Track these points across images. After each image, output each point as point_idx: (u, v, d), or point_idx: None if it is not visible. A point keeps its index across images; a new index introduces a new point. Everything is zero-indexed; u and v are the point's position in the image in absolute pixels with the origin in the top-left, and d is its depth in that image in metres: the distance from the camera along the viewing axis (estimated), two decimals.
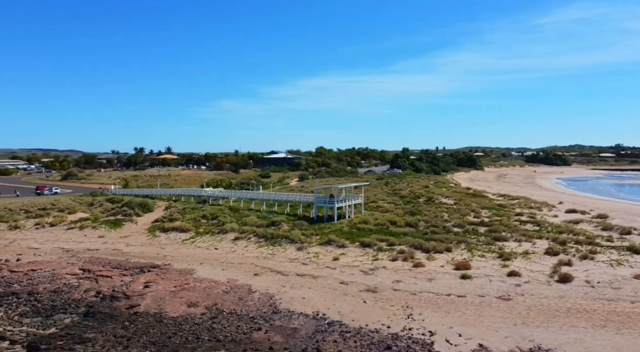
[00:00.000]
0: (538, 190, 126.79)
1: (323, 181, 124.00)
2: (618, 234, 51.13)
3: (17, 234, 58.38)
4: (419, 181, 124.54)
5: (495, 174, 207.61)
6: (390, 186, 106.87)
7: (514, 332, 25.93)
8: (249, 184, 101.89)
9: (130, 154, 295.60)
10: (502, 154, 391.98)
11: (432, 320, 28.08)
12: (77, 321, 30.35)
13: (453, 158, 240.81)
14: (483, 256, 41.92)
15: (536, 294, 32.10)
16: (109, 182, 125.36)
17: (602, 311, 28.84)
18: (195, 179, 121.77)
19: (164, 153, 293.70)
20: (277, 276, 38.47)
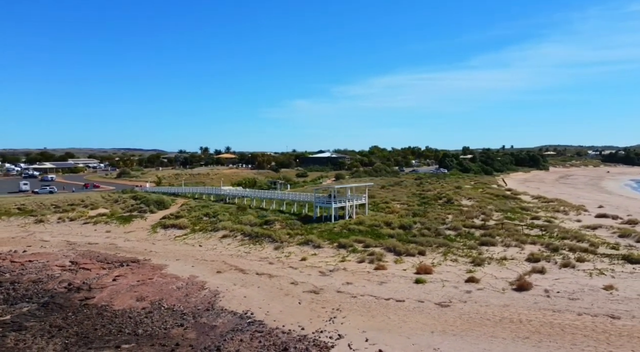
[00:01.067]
0: (595, 192, 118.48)
1: (357, 180, 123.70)
2: (634, 241, 47.40)
3: (39, 227, 64.16)
4: (459, 181, 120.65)
5: (559, 175, 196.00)
6: (422, 187, 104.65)
7: (424, 340, 25.20)
8: (275, 183, 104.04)
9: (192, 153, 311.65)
10: (577, 153, 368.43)
11: (351, 324, 27.89)
12: (32, 309, 33.19)
13: (513, 157, 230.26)
14: (456, 261, 40.56)
15: (480, 302, 30.77)
16: (155, 180, 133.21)
17: (538, 322, 27.20)
18: (231, 177, 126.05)
19: (223, 152, 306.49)
20: (238, 274, 39.59)
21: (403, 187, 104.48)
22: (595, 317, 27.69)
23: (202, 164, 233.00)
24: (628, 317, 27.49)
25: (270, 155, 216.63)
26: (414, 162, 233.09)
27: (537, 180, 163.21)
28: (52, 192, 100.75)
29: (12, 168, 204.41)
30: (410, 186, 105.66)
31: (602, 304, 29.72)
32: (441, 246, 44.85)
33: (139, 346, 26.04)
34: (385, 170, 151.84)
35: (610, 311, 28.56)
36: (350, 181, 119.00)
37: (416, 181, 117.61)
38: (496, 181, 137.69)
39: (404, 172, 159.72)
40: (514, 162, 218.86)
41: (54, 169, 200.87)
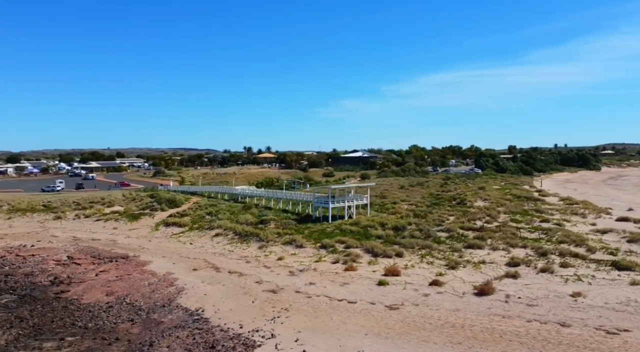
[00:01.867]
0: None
1: (383, 180, 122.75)
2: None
3: (55, 223, 68.20)
4: (488, 181, 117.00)
5: (609, 175, 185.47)
6: (445, 187, 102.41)
7: (353, 342, 25.04)
8: (295, 183, 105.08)
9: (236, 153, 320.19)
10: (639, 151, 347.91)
11: (290, 324, 28.10)
12: (9, 301, 35.60)
13: (560, 157, 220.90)
14: (431, 263, 39.80)
15: (432, 306, 30.15)
16: (189, 178, 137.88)
17: (480, 327, 26.39)
18: (256, 177, 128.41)
19: (263, 152, 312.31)
20: (211, 271, 40.61)
21: (425, 187, 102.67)
22: (544, 325, 26.54)
23: (239, 163, 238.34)
24: (579, 326, 26.17)
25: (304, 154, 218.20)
26: (453, 161, 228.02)
27: (580, 181, 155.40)
28: (55, 190, 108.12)
29: (63, 167, 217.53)
30: (433, 186, 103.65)
31: (559, 312, 28.40)
32: (424, 247, 44.06)
33: (82, 339, 27.45)
34: (415, 170, 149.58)
35: (564, 318, 27.27)
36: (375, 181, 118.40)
37: (442, 181, 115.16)
38: (531, 182, 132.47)
39: (436, 172, 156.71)
40: (559, 162, 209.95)
41: (100, 168, 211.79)
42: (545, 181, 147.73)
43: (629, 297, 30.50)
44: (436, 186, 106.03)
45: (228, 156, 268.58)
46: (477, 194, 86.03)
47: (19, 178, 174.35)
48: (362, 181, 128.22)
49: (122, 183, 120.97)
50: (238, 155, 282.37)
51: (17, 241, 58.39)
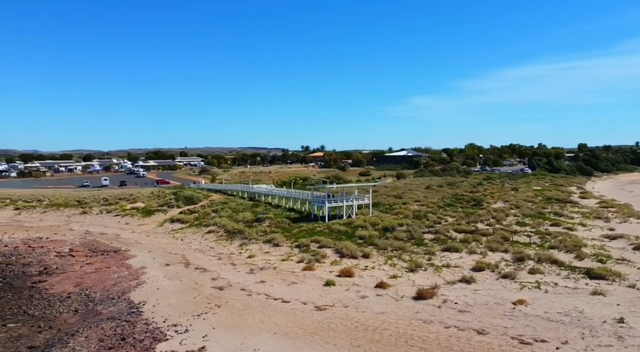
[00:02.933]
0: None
1: (414, 180, 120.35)
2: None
3: (80, 218, 73.43)
4: (531, 182, 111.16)
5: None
6: (477, 187, 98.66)
7: (256, 340, 25.35)
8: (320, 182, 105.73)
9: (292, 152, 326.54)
10: None
11: (211, 320, 28.85)
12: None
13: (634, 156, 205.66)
14: (394, 265, 39.05)
15: (361, 308, 29.79)
16: (226, 177, 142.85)
17: (392, 331, 25.84)
18: (289, 175, 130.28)
19: (317, 151, 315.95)
20: (180, 267, 42.27)
21: (455, 187, 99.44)
22: (460, 331, 25.52)
23: (288, 162, 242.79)
24: (496, 335, 24.95)
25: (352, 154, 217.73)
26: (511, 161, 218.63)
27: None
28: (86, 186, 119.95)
29: (125, 165, 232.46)
30: (465, 187, 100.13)
31: (487, 319, 27.12)
32: (398, 249, 43.17)
33: (22, 326, 29.84)
34: (457, 170, 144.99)
35: (486, 326, 26.06)
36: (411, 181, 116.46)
37: (477, 182, 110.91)
38: (584, 183, 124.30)
39: (483, 172, 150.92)
40: (631, 161, 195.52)
41: (157, 166, 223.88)
42: (605, 182, 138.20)
43: (576, 308, 28.49)
44: (469, 186, 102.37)
45: (280, 155, 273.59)
46: (503, 195, 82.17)
47: (83, 175, 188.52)
48: (397, 179, 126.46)
49: (160, 181, 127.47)
50: (290, 155, 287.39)
51: (38, 233, 63.68)
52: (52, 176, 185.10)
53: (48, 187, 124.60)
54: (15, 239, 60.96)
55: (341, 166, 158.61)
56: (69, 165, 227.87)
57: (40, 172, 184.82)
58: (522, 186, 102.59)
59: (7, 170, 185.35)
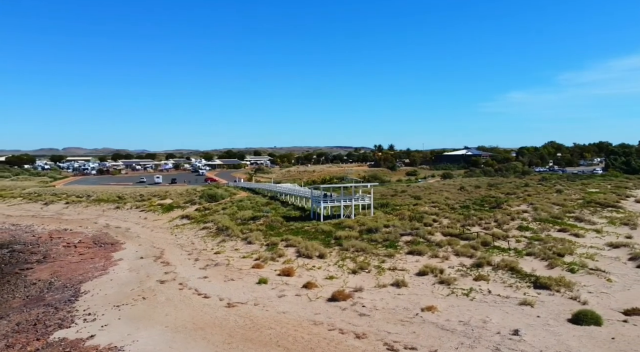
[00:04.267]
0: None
1: (461, 181, 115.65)
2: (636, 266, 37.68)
3: (111, 212, 79.66)
4: (590, 184, 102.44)
5: None
6: (520, 189, 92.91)
7: (142, 332, 26.72)
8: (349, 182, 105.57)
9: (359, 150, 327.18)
10: None
11: (125, 312, 30.63)
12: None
13: None
14: (342, 266, 38.83)
15: (269, 306, 30.30)
16: (281, 176, 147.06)
17: (274, 330, 26.13)
18: (329, 174, 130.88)
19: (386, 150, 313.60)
20: (149, 260, 44.90)
21: (494, 189, 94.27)
22: (341, 334, 25.35)
23: (350, 161, 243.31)
24: (373, 339, 24.54)
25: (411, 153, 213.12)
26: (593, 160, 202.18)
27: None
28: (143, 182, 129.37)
29: (196, 164, 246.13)
30: (504, 188, 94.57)
31: (379, 324, 26.63)
32: (359, 250, 42.55)
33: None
34: (514, 170, 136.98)
35: (370, 330, 25.68)
36: (458, 182, 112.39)
37: (523, 182, 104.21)
38: None
39: (547, 172, 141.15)
40: None
41: (222, 165, 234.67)
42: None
43: (486, 317, 26.97)
44: (511, 187, 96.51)
45: (343, 154, 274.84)
46: (537, 197, 76.66)
47: (153, 173, 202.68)
48: (443, 179, 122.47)
49: (209, 179, 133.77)
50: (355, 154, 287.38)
51: (68, 225, 70.27)
52: (127, 173, 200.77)
53: (111, 183, 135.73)
54: (45, 230, 67.82)
55: (391, 166, 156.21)
56: (146, 164, 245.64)
57: (117, 170, 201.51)
58: (576, 187, 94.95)
59: (88, 168, 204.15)
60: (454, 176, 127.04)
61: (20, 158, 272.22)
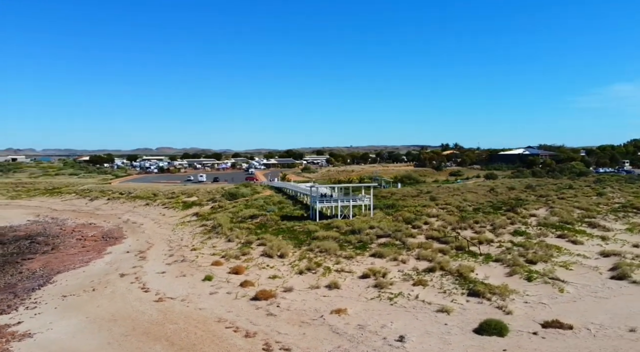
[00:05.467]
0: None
1: (501, 181, 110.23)
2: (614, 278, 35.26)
3: (139, 209, 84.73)
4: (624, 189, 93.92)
5: None
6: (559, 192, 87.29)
7: (63, 322, 29.07)
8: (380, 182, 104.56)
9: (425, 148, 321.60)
10: None
11: (68, 302, 33.19)
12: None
13: None
14: (294, 266, 39.26)
15: (192, 303, 31.64)
16: (320, 176, 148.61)
17: (176, 327, 27.39)
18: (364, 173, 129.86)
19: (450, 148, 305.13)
20: (131, 255, 47.85)
21: (529, 191, 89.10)
22: (233, 332, 26.26)
23: (405, 160, 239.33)
24: (257, 338, 25.17)
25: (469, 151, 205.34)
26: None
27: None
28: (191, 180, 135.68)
29: (253, 164, 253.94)
30: (543, 190, 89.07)
31: (279, 324, 27.23)
32: (323, 251, 42.70)
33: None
34: (570, 170, 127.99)
35: (265, 330, 26.34)
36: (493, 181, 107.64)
37: (568, 184, 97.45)
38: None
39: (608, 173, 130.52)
40: None
41: (276, 164, 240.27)
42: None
43: (389, 323, 26.89)
44: (552, 189, 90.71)
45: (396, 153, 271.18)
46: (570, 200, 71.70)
47: (210, 172, 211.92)
48: (485, 179, 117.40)
49: (249, 178, 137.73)
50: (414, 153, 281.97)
51: (96, 219, 76.11)
52: (185, 172, 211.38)
53: (161, 181, 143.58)
54: (74, 223, 73.94)
55: (436, 165, 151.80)
56: (206, 163, 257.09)
57: (176, 168, 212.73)
58: (628, 190, 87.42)
59: (151, 167, 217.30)
60: (499, 177, 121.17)
61: (101, 157, 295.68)
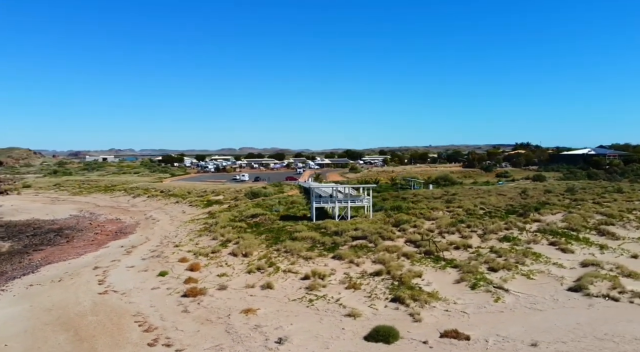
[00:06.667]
0: None
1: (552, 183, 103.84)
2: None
3: (169, 206, 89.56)
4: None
5: None
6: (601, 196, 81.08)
7: (7, 308, 32.22)
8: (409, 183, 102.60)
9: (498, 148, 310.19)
10: None
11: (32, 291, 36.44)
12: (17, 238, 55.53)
13: None
14: (250, 265, 40.25)
15: (130, 296, 33.77)
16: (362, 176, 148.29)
17: (92, 319, 29.55)
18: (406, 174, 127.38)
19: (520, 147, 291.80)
20: (122, 250, 51.23)
21: (568, 194, 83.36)
22: (138, 327, 27.84)
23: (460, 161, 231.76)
24: (158, 333, 26.60)
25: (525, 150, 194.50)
26: None
27: None
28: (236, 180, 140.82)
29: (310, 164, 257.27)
30: (583, 194, 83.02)
31: (183, 321, 28.61)
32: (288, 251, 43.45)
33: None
34: (635, 172, 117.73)
35: (167, 325, 27.82)
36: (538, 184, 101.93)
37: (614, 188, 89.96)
38: None
39: None
40: None
41: (330, 164, 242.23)
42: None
43: (287, 325, 27.42)
44: (594, 193, 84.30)
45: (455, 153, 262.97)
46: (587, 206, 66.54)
47: (264, 171, 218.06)
48: (531, 182, 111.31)
49: (288, 178, 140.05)
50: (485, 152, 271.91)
51: (124, 215, 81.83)
52: (240, 171, 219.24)
53: (209, 180, 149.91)
54: (105, 218, 79.99)
55: (485, 166, 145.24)
56: (265, 163, 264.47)
57: (231, 168, 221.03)
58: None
59: (208, 166, 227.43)
60: (548, 178, 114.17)
61: (172, 157, 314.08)
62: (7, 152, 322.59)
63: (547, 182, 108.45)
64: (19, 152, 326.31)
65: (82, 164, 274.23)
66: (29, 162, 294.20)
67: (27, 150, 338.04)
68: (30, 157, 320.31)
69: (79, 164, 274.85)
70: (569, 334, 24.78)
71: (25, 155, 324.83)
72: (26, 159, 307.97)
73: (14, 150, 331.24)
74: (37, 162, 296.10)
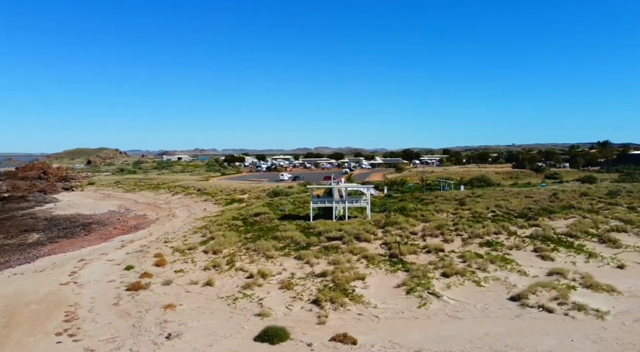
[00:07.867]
0: None
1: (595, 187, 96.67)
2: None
3: (197, 203, 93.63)
4: None
5: None
6: None
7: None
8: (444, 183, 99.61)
9: None
10: None
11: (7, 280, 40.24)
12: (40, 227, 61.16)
13: None
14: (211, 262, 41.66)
15: (84, 288, 36.29)
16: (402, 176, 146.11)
17: (34, 308, 32.16)
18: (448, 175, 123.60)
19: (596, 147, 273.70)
20: (117, 243, 54.66)
21: (607, 198, 77.36)
22: (64, 316, 30.14)
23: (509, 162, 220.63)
24: (71, 326, 28.51)
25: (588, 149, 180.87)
26: None
27: None
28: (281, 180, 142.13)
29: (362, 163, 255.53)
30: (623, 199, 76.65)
31: (107, 314, 30.52)
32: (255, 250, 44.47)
33: None
34: None
35: (89, 317, 29.81)
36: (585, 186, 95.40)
37: None
38: None
39: None
40: None
41: (382, 164, 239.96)
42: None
43: (191, 323, 28.30)
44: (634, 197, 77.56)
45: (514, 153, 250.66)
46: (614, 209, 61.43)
47: (314, 171, 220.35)
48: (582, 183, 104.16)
49: (326, 177, 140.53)
50: None
51: (153, 211, 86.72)
52: (291, 170, 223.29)
53: (252, 179, 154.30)
54: (135, 214, 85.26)
55: (536, 167, 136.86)
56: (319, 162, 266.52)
57: (282, 167, 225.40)
58: None
59: (260, 166, 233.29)
60: (599, 180, 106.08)
61: (234, 157, 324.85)
62: (97, 152, 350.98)
63: (596, 184, 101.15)
64: (107, 152, 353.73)
65: (154, 163, 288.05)
66: (113, 161, 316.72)
67: (115, 150, 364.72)
68: (115, 157, 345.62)
69: (152, 163, 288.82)
70: (465, 344, 23.80)
71: (112, 154, 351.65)
72: (112, 159, 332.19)
73: (103, 150, 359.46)
74: (119, 161, 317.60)
